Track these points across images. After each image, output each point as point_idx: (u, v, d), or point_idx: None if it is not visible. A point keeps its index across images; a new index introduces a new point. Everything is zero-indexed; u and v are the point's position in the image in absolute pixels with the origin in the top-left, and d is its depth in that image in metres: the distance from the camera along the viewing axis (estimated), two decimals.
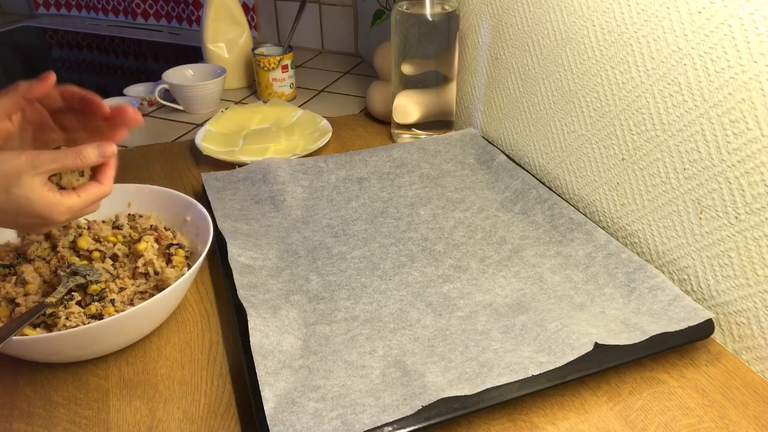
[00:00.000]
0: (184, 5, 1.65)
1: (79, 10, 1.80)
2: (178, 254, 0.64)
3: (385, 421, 0.46)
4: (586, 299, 0.60)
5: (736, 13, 0.51)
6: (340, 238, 0.71)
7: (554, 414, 0.51)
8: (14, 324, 0.51)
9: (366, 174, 0.82)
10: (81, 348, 0.54)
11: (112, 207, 0.70)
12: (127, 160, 0.93)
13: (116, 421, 0.51)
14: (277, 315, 0.57)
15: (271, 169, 0.81)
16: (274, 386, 0.50)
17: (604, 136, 0.69)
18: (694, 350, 0.57)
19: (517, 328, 0.56)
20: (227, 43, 1.24)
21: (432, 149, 0.87)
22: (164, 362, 0.57)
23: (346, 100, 1.19)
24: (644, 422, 0.50)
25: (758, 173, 0.52)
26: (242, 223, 0.72)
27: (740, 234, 0.55)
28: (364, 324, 0.58)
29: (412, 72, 0.91)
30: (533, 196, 0.75)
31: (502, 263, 0.66)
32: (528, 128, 0.83)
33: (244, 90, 1.26)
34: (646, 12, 0.60)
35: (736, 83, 0.52)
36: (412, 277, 0.64)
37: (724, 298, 0.57)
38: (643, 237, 0.66)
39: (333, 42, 1.45)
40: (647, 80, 0.61)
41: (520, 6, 0.79)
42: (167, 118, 1.11)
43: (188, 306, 0.64)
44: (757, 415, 0.50)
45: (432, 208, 0.76)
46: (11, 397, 0.53)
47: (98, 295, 0.58)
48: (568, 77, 0.73)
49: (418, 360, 0.53)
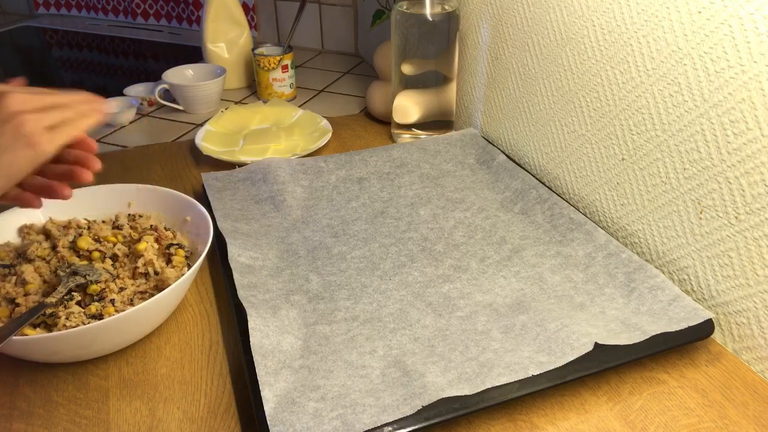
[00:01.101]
0: (184, 5, 1.65)
1: (79, 10, 1.80)
2: (178, 254, 0.64)
3: (385, 421, 0.46)
4: (586, 299, 0.60)
5: (736, 13, 0.51)
6: (340, 238, 0.71)
7: (554, 414, 0.51)
8: (14, 324, 0.51)
9: (366, 174, 0.82)
10: (81, 348, 0.54)
11: (112, 207, 0.70)
12: (127, 160, 0.93)
13: (116, 421, 0.51)
14: (277, 315, 0.57)
15: (271, 169, 0.81)
16: (274, 386, 0.50)
17: (604, 136, 0.69)
18: (694, 350, 0.57)
19: (517, 328, 0.56)
20: (227, 43, 1.24)
21: (432, 149, 0.87)
22: (164, 362, 0.57)
23: (346, 100, 1.19)
24: (644, 422, 0.50)
25: (758, 173, 0.52)
26: (242, 223, 0.72)
27: (740, 234, 0.55)
28: (364, 324, 0.58)
29: (412, 72, 0.91)
30: (533, 196, 0.75)
31: (502, 263, 0.66)
32: (528, 128, 0.83)
33: (244, 90, 1.26)
34: (646, 12, 0.60)
35: (736, 83, 0.52)
36: (412, 277, 0.64)
37: (724, 298, 0.57)
38: (643, 237, 0.66)
39: (333, 42, 1.45)
40: (647, 80, 0.61)
41: (520, 6, 0.79)
42: (167, 118, 1.11)
43: (188, 306, 0.64)
44: (757, 415, 0.50)
45: (432, 208, 0.75)
46: (11, 397, 0.53)
47: (98, 295, 0.58)
48: (568, 77, 0.73)
49: (418, 360, 0.53)
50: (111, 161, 0.92)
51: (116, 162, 0.92)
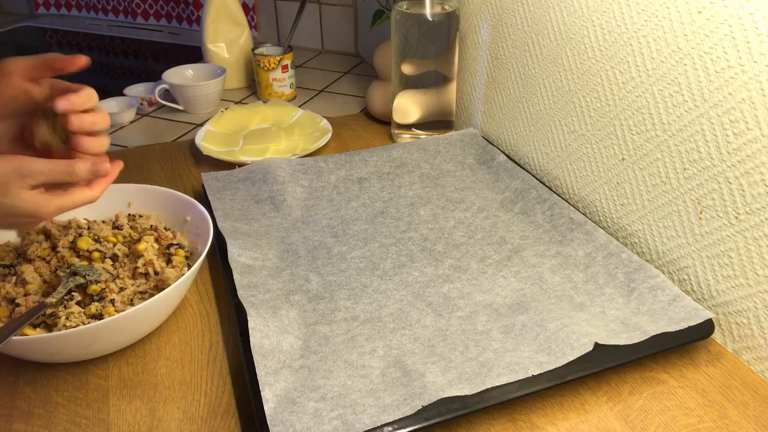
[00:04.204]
0: (184, 5, 1.65)
1: (79, 10, 1.80)
2: (178, 254, 0.64)
3: (385, 421, 0.46)
4: (586, 299, 0.60)
5: (736, 13, 0.51)
6: (340, 238, 0.71)
7: (554, 414, 0.51)
8: (14, 324, 0.51)
9: (366, 174, 0.82)
10: (81, 348, 0.54)
11: (112, 207, 0.70)
12: (127, 160, 0.92)
13: (116, 421, 0.51)
14: (277, 315, 0.57)
15: (271, 169, 0.81)
16: (274, 386, 0.50)
17: (604, 136, 0.69)
18: (694, 350, 0.57)
19: (517, 328, 0.56)
20: (227, 43, 1.24)
21: (432, 149, 0.87)
22: (164, 362, 0.57)
23: (346, 100, 1.19)
24: (644, 422, 0.50)
25: (758, 173, 0.52)
26: (242, 223, 0.72)
27: (740, 234, 0.55)
28: (364, 324, 0.58)
29: (412, 72, 0.91)
30: (533, 196, 0.75)
31: (502, 263, 0.66)
32: (528, 128, 0.83)
33: (244, 90, 1.26)
34: (646, 12, 0.60)
35: (736, 83, 0.52)
36: (412, 277, 0.64)
37: (724, 298, 0.57)
38: (643, 237, 0.66)
39: (333, 42, 1.45)
40: (647, 80, 0.61)
41: (520, 6, 0.79)
42: (167, 118, 1.11)
43: (188, 306, 0.64)
44: (757, 415, 0.50)
45: (432, 208, 0.75)
46: (11, 397, 0.53)
47: (98, 295, 0.58)
48: (568, 77, 0.73)
49: (418, 360, 0.53)
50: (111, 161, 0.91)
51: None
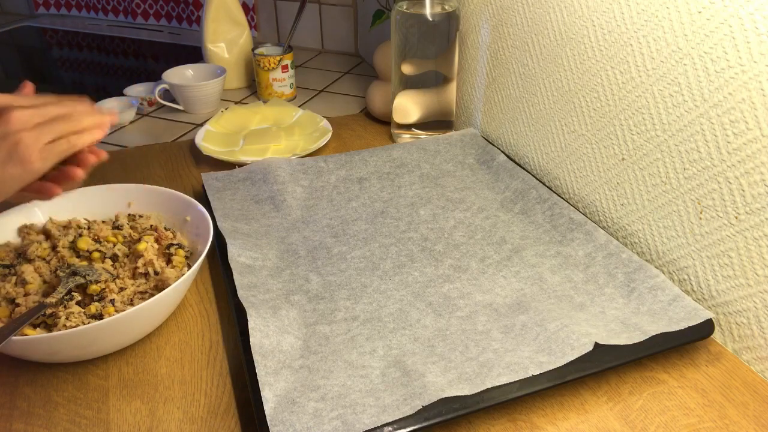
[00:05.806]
0: (184, 5, 1.65)
1: (79, 10, 1.80)
2: (178, 254, 0.64)
3: (385, 421, 0.46)
4: (586, 299, 0.60)
5: (736, 13, 0.51)
6: (340, 238, 0.71)
7: (554, 414, 0.51)
8: (14, 324, 0.51)
9: (366, 174, 0.82)
10: (81, 348, 0.54)
11: (112, 207, 0.70)
12: (127, 160, 0.93)
13: (116, 421, 0.51)
14: (277, 315, 0.57)
15: (271, 169, 0.81)
16: (274, 386, 0.50)
17: (604, 136, 0.69)
18: (694, 350, 0.57)
19: (517, 328, 0.56)
20: (227, 43, 1.24)
21: (432, 149, 0.87)
22: (164, 362, 0.57)
23: (346, 100, 1.19)
24: (644, 422, 0.50)
25: (758, 173, 0.52)
26: (242, 223, 0.72)
27: (740, 234, 0.55)
28: (364, 324, 0.58)
29: (412, 72, 0.91)
30: (533, 196, 0.75)
31: (502, 263, 0.66)
32: (528, 128, 0.83)
33: (244, 90, 1.26)
34: (646, 12, 0.60)
35: (736, 83, 0.52)
36: (412, 277, 0.64)
37: (724, 298, 0.57)
38: (643, 237, 0.66)
39: (333, 42, 1.45)
40: (647, 80, 0.61)
41: (520, 6, 0.79)
42: (167, 118, 1.11)
43: (188, 306, 0.64)
44: (757, 415, 0.50)
45: (432, 208, 0.75)
46: (11, 397, 0.53)
47: (98, 295, 0.58)
48: (568, 77, 0.73)
49: (418, 360, 0.53)
50: (111, 161, 0.91)
51: (116, 162, 0.92)
